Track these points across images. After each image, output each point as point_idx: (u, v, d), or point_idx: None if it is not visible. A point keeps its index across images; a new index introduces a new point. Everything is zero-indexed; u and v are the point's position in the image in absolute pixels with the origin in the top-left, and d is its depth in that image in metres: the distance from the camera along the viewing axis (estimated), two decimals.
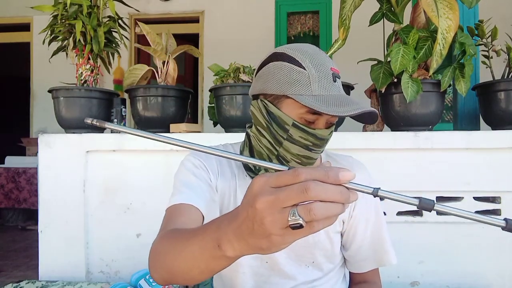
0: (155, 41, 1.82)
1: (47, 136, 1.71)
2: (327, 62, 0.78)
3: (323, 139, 0.79)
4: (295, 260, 0.90)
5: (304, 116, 0.77)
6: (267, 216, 0.40)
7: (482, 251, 1.55)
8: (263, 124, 0.82)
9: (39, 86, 4.84)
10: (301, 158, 0.81)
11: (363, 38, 2.88)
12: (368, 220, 0.92)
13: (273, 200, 0.40)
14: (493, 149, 1.55)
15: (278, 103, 0.80)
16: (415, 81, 1.51)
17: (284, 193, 0.40)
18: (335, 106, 0.73)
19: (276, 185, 0.41)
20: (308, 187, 0.39)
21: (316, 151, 0.80)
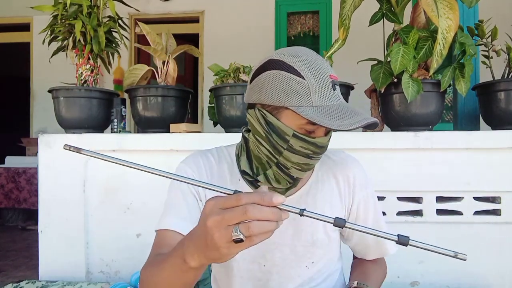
0: (155, 41, 1.82)
1: (47, 136, 1.71)
2: (325, 69, 0.77)
3: (323, 146, 0.80)
4: (295, 261, 0.90)
5: (305, 127, 0.77)
6: (215, 232, 0.50)
7: (482, 251, 1.55)
8: (261, 133, 0.81)
9: (39, 86, 4.84)
10: (301, 165, 0.81)
11: (363, 38, 2.88)
12: (367, 212, 0.94)
13: (220, 220, 0.50)
14: (493, 149, 1.55)
15: (277, 114, 0.79)
16: (415, 81, 1.51)
17: (229, 214, 0.50)
18: (337, 118, 0.73)
19: (223, 207, 0.51)
20: (247, 210, 0.49)
21: (316, 158, 0.81)
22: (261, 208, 0.49)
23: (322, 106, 0.75)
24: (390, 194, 1.59)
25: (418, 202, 1.59)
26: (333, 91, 0.76)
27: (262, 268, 0.89)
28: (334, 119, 0.73)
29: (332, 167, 0.93)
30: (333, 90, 0.76)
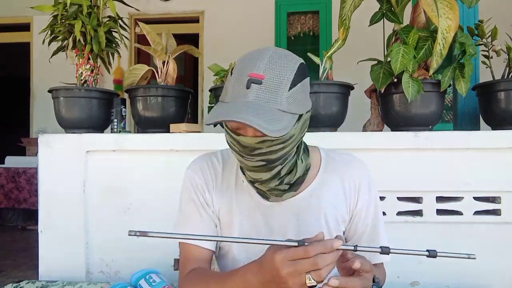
0: (155, 41, 1.82)
1: (47, 136, 1.71)
2: (248, 68, 0.75)
3: (247, 147, 0.77)
4: None
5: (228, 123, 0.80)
6: (290, 280, 0.63)
7: (482, 251, 1.55)
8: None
9: (39, 86, 4.84)
10: (243, 164, 0.83)
11: (363, 38, 2.88)
12: (368, 214, 0.94)
13: (293, 271, 0.62)
14: (493, 149, 1.55)
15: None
16: (415, 80, 1.51)
17: (301, 266, 0.62)
18: (222, 114, 0.74)
19: (293, 259, 0.63)
20: (317, 262, 0.62)
21: (248, 158, 0.79)
22: (327, 257, 0.62)
23: (226, 103, 0.77)
24: (390, 194, 1.59)
25: (418, 202, 1.59)
26: (246, 89, 0.74)
27: None
28: (218, 115, 0.74)
29: (338, 168, 0.94)
30: (246, 88, 0.74)
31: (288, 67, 0.76)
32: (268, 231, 0.91)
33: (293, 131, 0.78)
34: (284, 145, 0.78)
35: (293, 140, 0.80)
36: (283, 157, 0.80)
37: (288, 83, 0.75)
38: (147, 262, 1.61)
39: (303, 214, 0.90)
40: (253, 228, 0.91)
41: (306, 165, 0.88)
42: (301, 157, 0.88)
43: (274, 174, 0.82)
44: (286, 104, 0.75)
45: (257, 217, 0.91)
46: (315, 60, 1.65)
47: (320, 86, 1.60)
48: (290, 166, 0.84)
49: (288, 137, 0.77)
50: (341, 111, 1.66)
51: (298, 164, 0.86)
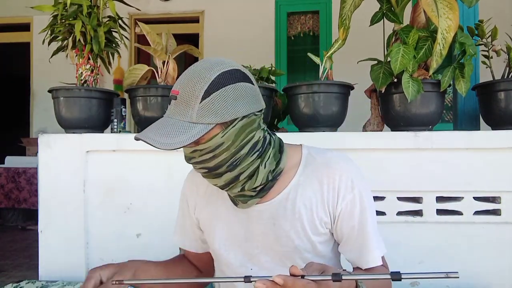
0: (155, 41, 1.82)
1: (47, 136, 1.71)
2: (177, 83, 0.83)
3: (185, 155, 0.85)
4: (280, 265, 0.90)
5: None
6: None
7: (482, 251, 1.55)
8: None
9: (39, 86, 4.84)
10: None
11: (363, 38, 2.88)
12: (351, 216, 0.88)
13: None
14: (493, 149, 1.55)
15: None
16: (415, 80, 1.51)
17: None
18: (146, 131, 0.82)
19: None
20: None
21: (193, 165, 0.86)
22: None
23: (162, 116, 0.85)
24: (390, 194, 1.59)
25: (418, 202, 1.59)
26: (169, 105, 0.83)
27: (250, 272, 0.91)
28: (144, 132, 0.82)
29: (316, 169, 0.89)
30: (169, 104, 0.83)
31: (202, 79, 0.79)
32: (248, 236, 0.92)
33: (220, 140, 0.80)
34: (214, 154, 0.81)
35: (226, 148, 0.80)
36: (222, 164, 0.82)
37: (200, 95, 0.78)
38: None
39: (279, 219, 0.88)
40: (233, 234, 0.94)
41: (272, 170, 0.86)
42: (266, 163, 0.86)
43: (227, 180, 0.84)
44: (196, 116, 0.78)
45: (236, 223, 0.93)
46: (315, 60, 1.65)
47: (320, 86, 1.60)
48: (251, 172, 0.84)
49: (216, 146, 0.80)
50: (341, 111, 1.66)
51: (260, 170, 0.85)
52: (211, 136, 0.80)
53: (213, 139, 0.80)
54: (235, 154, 0.82)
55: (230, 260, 0.94)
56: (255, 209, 0.90)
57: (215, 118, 0.79)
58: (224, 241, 0.94)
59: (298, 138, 1.21)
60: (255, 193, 0.87)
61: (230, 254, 0.94)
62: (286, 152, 0.91)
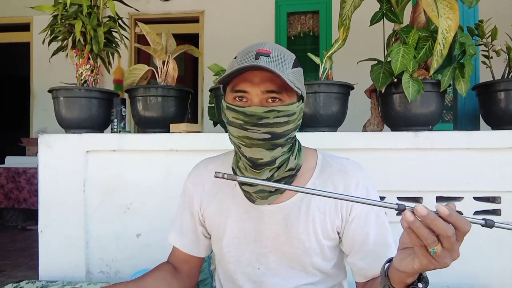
0: (155, 41, 1.82)
1: (47, 136, 1.71)
2: (255, 47, 0.82)
3: (253, 115, 0.80)
4: (289, 266, 0.91)
5: (235, 94, 0.83)
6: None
7: (482, 251, 1.55)
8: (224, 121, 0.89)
9: (39, 86, 4.84)
10: (243, 139, 0.83)
11: (363, 38, 2.88)
12: (367, 222, 0.88)
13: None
14: (493, 149, 1.55)
15: (225, 95, 0.88)
16: (415, 80, 1.51)
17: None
18: (234, 71, 0.80)
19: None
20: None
21: (252, 130, 0.81)
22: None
23: (235, 67, 0.81)
24: (390, 194, 1.59)
25: (418, 202, 1.59)
26: (255, 59, 0.79)
27: (256, 271, 0.92)
28: (233, 70, 0.80)
29: (332, 175, 0.92)
30: (255, 58, 0.79)
31: (289, 53, 0.86)
32: (258, 235, 0.91)
33: (296, 108, 0.84)
34: (289, 119, 0.82)
35: (295, 119, 0.84)
36: (286, 134, 0.83)
37: (291, 63, 0.83)
38: (147, 262, 1.62)
39: (292, 220, 0.89)
40: (243, 232, 0.92)
41: (297, 164, 0.88)
42: (294, 153, 0.89)
43: (272, 157, 0.83)
44: (292, 76, 0.82)
45: (247, 221, 0.92)
46: (315, 60, 1.65)
47: (320, 86, 1.60)
48: (284, 159, 0.86)
49: (292, 112, 0.82)
50: (341, 111, 1.66)
51: (290, 159, 0.87)
52: (293, 102, 0.84)
53: (293, 105, 0.83)
54: (294, 130, 0.86)
55: (238, 258, 0.93)
56: (268, 209, 0.90)
57: (299, 87, 0.84)
58: (232, 239, 0.93)
59: (298, 138, 1.21)
60: (275, 189, 0.85)
61: (238, 252, 0.93)
62: (303, 152, 0.94)
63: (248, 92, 0.81)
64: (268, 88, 0.81)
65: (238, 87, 0.82)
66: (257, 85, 0.81)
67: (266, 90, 0.81)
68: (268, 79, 0.80)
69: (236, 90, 0.83)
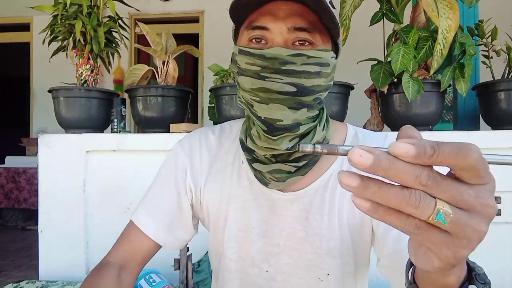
0: (155, 41, 1.82)
1: (47, 136, 1.71)
2: None
3: (274, 58, 0.60)
4: (305, 271, 0.70)
5: (252, 34, 0.63)
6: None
7: (482, 251, 1.55)
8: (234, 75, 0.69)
9: (39, 86, 4.84)
10: (257, 93, 0.62)
11: (363, 38, 2.88)
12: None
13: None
14: (493, 149, 1.55)
15: (237, 41, 0.70)
16: (416, 80, 1.51)
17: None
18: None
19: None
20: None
21: (271, 78, 0.61)
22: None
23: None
24: None
25: None
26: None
27: (264, 274, 0.72)
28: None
29: None
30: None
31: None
32: (269, 229, 0.71)
33: (330, 59, 0.64)
34: (321, 70, 0.62)
35: (329, 73, 0.64)
36: (316, 91, 0.63)
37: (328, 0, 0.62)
38: None
39: (313, 212, 0.69)
40: (250, 225, 0.72)
41: (324, 137, 0.69)
42: (322, 124, 0.69)
43: (295, 120, 0.63)
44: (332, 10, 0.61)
45: (255, 211, 0.72)
46: None
47: None
48: (308, 128, 0.66)
49: (325, 62, 0.63)
50: (341, 111, 1.66)
51: (317, 130, 0.67)
52: (327, 49, 0.64)
53: (328, 52, 0.63)
54: (325, 91, 0.66)
55: (241, 256, 0.73)
56: (282, 197, 0.70)
57: (339, 32, 0.65)
58: (236, 232, 0.72)
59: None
60: (295, 168, 0.67)
61: (242, 249, 0.72)
62: (332, 124, 0.74)
63: (270, 30, 0.62)
64: (296, 25, 0.61)
65: (256, 22, 0.62)
66: (282, 20, 0.61)
67: (294, 27, 0.61)
68: (297, 12, 0.61)
69: (253, 26, 0.62)
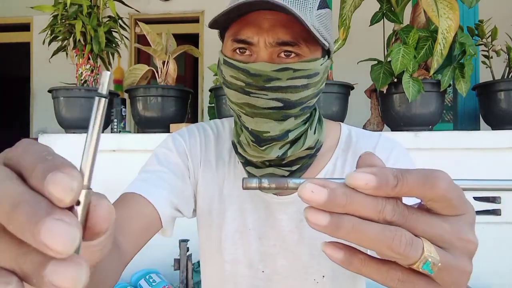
0: (155, 41, 1.82)
1: (47, 136, 1.71)
2: None
3: (258, 74, 0.58)
4: (301, 273, 0.70)
5: (235, 45, 0.61)
6: None
7: (482, 251, 1.54)
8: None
9: (39, 86, 4.83)
10: (243, 106, 0.61)
11: (363, 38, 2.88)
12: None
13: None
14: (493, 149, 1.55)
15: (222, 45, 0.67)
16: (416, 80, 1.51)
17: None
18: (239, 4, 0.57)
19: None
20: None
21: (256, 94, 0.59)
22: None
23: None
24: None
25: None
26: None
27: (260, 275, 0.71)
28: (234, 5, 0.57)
29: (359, 152, 0.71)
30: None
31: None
32: (265, 231, 0.71)
33: (319, 67, 0.61)
34: (308, 82, 0.60)
35: (317, 81, 0.62)
36: (302, 102, 0.61)
37: (317, 2, 0.61)
38: (147, 262, 1.61)
39: None
40: (246, 226, 0.71)
41: (317, 140, 0.67)
42: (313, 127, 0.68)
43: (282, 130, 0.62)
44: (317, 21, 0.59)
45: (251, 212, 0.71)
46: None
47: None
48: (298, 134, 0.65)
49: (314, 73, 0.60)
50: (341, 111, 1.66)
51: (309, 133, 0.66)
52: (315, 58, 0.61)
53: (316, 62, 0.61)
54: (314, 97, 0.64)
55: (237, 257, 0.71)
56: (277, 201, 0.70)
57: (326, 37, 0.62)
58: (233, 232, 0.71)
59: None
60: (289, 172, 0.66)
61: (238, 250, 0.71)
62: (325, 125, 0.72)
63: (253, 43, 0.59)
64: (280, 39, 0.58)
65: (239, 34, 0.60)
66: (266, 32, 0.58)
67: (278, 41, 0.59)
68: (282, 23, 0.58)
69: (236, 39, 0.61)
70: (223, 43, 0.67)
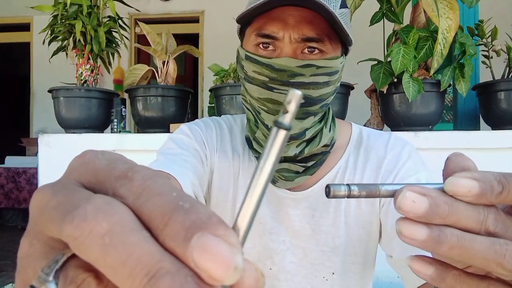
0: (155, 41, 1.82)
1: (47, 136, 1.71)
2: None
3: (283, 70, 0.59)
4: (310, 270, 0.69)
5: (259, 40, 0.61)
6: None
7: None
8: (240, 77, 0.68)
9: (39, 86, 4.84)
10: (264, 103, 0.62)
11: (363, 38, 2.88)
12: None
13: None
14: (493, 149, 1.55)
15: (243, 41, 0.67)
16: (416, 80, 1.51)
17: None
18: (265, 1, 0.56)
19: None
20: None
21: (279, 90, 0.60)
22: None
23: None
24: None
25: None
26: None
27: (268, 272, 0.71)
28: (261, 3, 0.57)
29: (372, 150, 0.72)
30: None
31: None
32: (276, 226, 0.70)
33: (339, 65, 0.63)
34: (329, 79, 0.62)
35: (336, 79, 0.64)
36: (322, 99, 0.63)
37: (339, 1, 0.61)
38: None
39: (319, 210, 0.69)
40: (257, 220, 0.70)
41: (332, 137, 0.69)
42: (329, 125, 0.69)
43: (302, 128, 0.63)
44: (340, 18, 0.59)
45: (264, 206, 0.70)
46: None
47: None
48: (315, 132, 0.66)
49: (334, 70, 0.62)
50: (341, 111, 1.66)
51: (324, 132, 0.67)
52: (337, 56, 0.63)
53: (337, 60, 0.62)
54: (332, 95, 0.65)
55: (246, 251, 0.69)
56: (289, 197, 0.70)
57: (348, 32, 0.64)
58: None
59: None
60: (304, 168, 0.67)
61: (247, 244, 0.68)
62: (337, 124, 0.73)
63: (278, 38, 0.60)
64: (306, 35, 0.59)
65: (264, 29, 0.60)
66: (291, 28, 0.59)
67: (303, 37, 0.59)
68: (307, 20, 0.59)
69: (262, 34, 0.60)
70: (244, 38, 0.67)
